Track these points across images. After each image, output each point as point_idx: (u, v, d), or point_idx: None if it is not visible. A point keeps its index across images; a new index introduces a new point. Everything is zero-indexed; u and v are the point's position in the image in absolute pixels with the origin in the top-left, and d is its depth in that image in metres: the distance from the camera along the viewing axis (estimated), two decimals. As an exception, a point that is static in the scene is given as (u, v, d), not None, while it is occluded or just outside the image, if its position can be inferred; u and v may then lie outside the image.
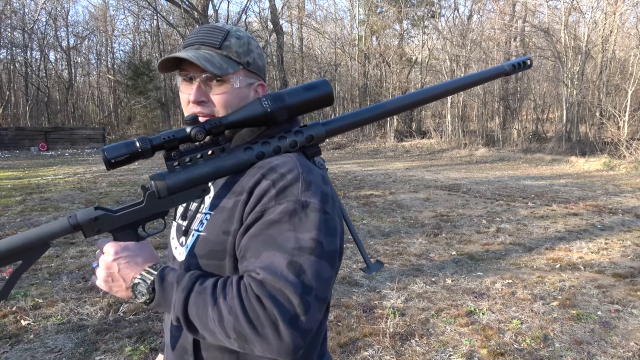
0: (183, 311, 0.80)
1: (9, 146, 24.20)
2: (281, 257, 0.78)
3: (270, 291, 0.76)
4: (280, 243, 0.79)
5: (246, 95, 0.95)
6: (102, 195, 8.86)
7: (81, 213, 0.85)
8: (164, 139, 0.86)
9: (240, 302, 0.76)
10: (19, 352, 2.91)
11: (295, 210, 0.81)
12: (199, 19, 30.63)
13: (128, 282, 0.84)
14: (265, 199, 0.83)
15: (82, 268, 4.52)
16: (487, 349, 2.96)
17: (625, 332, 3.23)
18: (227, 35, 0.93)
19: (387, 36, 30.78)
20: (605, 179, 12.06)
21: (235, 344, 0.78)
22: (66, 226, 0.84)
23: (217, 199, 0.92)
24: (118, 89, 35.66)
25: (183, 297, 0.80)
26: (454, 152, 20.82)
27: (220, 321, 0.77)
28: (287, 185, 0.83)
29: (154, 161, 17.15)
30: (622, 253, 5.13)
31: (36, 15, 32.91)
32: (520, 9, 24.93)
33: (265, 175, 0.85)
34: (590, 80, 20.10)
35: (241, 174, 0.90)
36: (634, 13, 21.90)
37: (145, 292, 0.83)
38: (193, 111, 0.92)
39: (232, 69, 0.91)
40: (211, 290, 0.80)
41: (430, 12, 27.90)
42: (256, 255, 0.80)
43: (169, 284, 0.82)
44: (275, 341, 0.75)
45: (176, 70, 0.96)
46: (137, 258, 0.86)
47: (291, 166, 0.86)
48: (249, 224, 0.84)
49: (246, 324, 0.75)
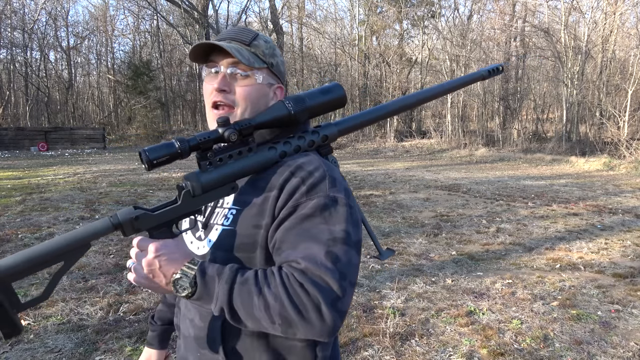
0: (228, 302, 0.84)
1: (9, 146, 24.20)
2: (318, 247, 0.86)
3: (312, 278, 0.83)
4: (315, 235, 0.87)
5: (266, 93, 1.02)
6: (102, 195, 8.86)
7: (122, 213, 0.88)
8: (200, 140, 0.90)
9: (285, 290, 0.83)
10: (19, 352, 2.91)
11: (326, 205, 0.89)
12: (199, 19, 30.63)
13: (168, 278, 0.87)
14: (297, 194, 0.90)
15: (82, 268, 4.52)
16: (487, 349, 2.96)
17: (625, 332, 3.23)
18: (257, 37, 1.01)
19: (387, 36, 30.80)
20: (605, 179, 12.06)
21: (279, 329, 0.84)
22: (108, 226, 0.86)
23: (243, 195, 0.97)
24: (118, 89, 35.65)
25: (227, 288, 0.84)
26: (454, 152, 20.82)
27: (266, 308, 0.82)
28: (316, 182, 0.91)
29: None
30: (622, 253, 5.13)
31: (36, 15, 32.91)
32: (520, 9, 24.94)
33: (294, 173, 0.93)
34: (590, 80, 20.10)
35: (265, 171, 0.96)
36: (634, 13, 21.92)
37: (187, 286, 0.85)
38: (215, 100, 0.98)
39: (257, 64, 0.98)
40: (254, 281, 0.85)
41: (430, 12, 27.91)
42: (293, 246, 0.87)
43: (210, 277, 0.86)
44: (318, 323, 0.82)
45: (203, 62, 1.02)
46: (175, 254, 0.88)
47: (317, 165, 0.94)
48: (283, 218, 0.90)
49: (292, 310, 0.82)
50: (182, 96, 35.56)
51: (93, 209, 7.52)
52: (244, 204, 0.96)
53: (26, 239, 5.57)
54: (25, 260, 0.76)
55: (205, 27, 30.50)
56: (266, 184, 0.95)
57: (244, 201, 0.96)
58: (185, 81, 35.96)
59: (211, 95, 0.99)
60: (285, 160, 0.96)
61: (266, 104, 1.02)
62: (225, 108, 0.99)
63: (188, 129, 33.79)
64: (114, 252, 5.06)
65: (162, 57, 35.39)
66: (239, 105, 0.99)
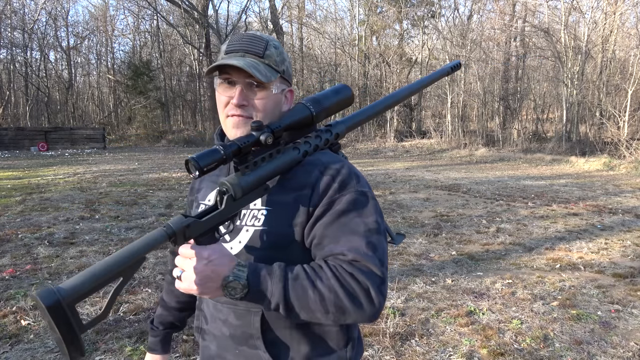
0: (284, 298, 0.89)
1: (9, 146, 24.20)
2: (359, 239, 0.94)
3: (360, 268, 0.91)
4: (353, 228, 0.95)
5: (280, 101, 1.06)
6: (102, 195, 8.86)
7: (175, 222, 0.89)
8: (241, 145, 0.93)
9: (337, 281, 0.90)
10: (19, 352, 2.91)
11: (357, 200, 0.98)
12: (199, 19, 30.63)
13: (219, 282, 0.89)
14: (330, 192, 0.98)
15: (82, 268, 4.52)
16: (487, 349, 2.96)
17: (625, 332, 3.23)
18: (267, 45, 1.02)
19: (387, 36, 30.79)
20: (605, 179, 12.06)
21: (332, 317, 0.91)
22: (163, 236, 0.87)
23: (273, 195, 1.01)
24: (118, 89, 35.66)
25: (282, 286, 0.89)
26: (454, 152, 20.82)
27: (321, 300, 0.89)
28: (345, 179, 0.99)
29: (154, 161, 17.17)
30: (622, 253, 5.13)
31: (36, 15, 32.92)
32: (520, 9, 24.94)
33: (323, 172, 0.99)
34: (590, 80, 20.10)
35: (291, 171, 1.01)
36: (634, 13, 21.92)
37: (239, 287, 0.88)
38: (233, 113, 1.01)
39: (273, 77, 1.01)
40: (305, 276, 0.91)
41: (430, 12, 27.90)
42: (335, 240, 0.95)
43: (262, 277, 0.90)
44: (369, 307, 0.91)
45: (215, 72, 1.03)
46: (224, 258, 0.90)
47: (341, 163, 1.02)
48: (320, 215, 0.97)
49: (345, 298, 0.89)
50: (182, 96, 35.56)
51: (93, 209, 7.52)
52: (275, 204, 1.00)
53: (26, 239, 5.57)
54: (88, 281, 0.75)
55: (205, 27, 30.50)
56: (296, 184, 1.00)
57: (275, 201, 1.00)
58: (185, 81, 35.96)
59: (227, 107, 1.02)
60: (307, 159, 1.01)
61: (280, 109, 1.07)
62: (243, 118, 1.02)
63: (188, 129, 33.80)
64: (113, 252, 5.06)
65: (162, 57, 35.39)
66: (257, 117, 1.02)
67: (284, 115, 1.01)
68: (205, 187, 1.17)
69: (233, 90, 1.01)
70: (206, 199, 1.14)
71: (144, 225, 6.39)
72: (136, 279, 4.20)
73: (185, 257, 0.90)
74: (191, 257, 0.89)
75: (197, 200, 1.18)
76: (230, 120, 1.02)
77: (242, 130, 1.01)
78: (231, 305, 1.03)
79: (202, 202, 1.15)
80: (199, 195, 1.18)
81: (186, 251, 0.90)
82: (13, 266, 4.55)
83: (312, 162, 1.02)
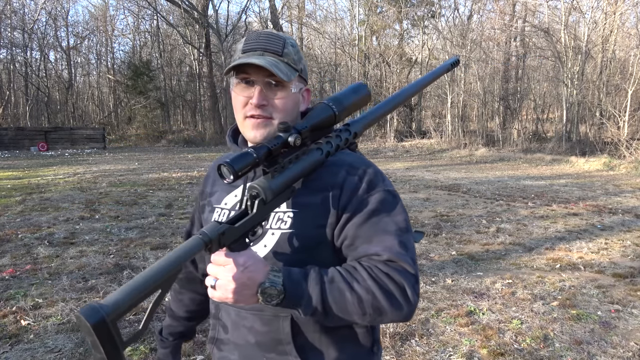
0: (322, 301, 0.88)
1: (9, 146, 24.21)
2: (392, 239, 0.94)
3: (395, 267, 0.91)
4: (384, 228, 0.95)
5: (298, 100, 1.04)
6: (102, 195, 8.86)
7: (210, 229, 0.86)
8: (271, 148, 0.90)
9: (374, 282, 0.89)
10: (19, 352, 2.91)
11: (386, 199, 0.98)
12: (199, 19, 30.62)
13: (255, 289, 0.86)
14: (360, 192, 0.97)
15: (82, 268, 4.52)
16: (487, 349, 2.96)
17: (625, 332, 3.23)
18: (285, 43, 1.00)
19: (387, 36, 30.77)
20: (605, 179, 12.06)
21: (369, 318, 0.90)
22: (200, 244, 0.83)
23: (298, 197, 0.98)
24: (118, 89, 35.66)
25: (319, 289, 0.88)
26: (454, 152, 20.82)
27: (359, 302, 0.88)
28: (372, 178, 0.99)
29: (154, 161, 17.16)
30: (622, 253, 5.13)
31: (36, 15, 32.92)
32: (520, 9, 24.93)
33: (350, 172, 0.99)
34: (590, 80, 20.10)
35: (315, 172, 0.98)
36: (634, 13, 21.92)
37: (275, 293, 0.86)
38: (252, 113, 0.98)
39: (293, 76, 0.99)
40: (341, 278, 0.90)
41: (430, 12, 27.89)
42: (368, 241, 0.94)
43: (297, 281, 0.88)
44: (406, 306, 0.91)
45: (232, 72, 1.00)
46: (258, 264, 0.88)
47: (365, 162, 1.02)
48: (350, 216, 0.96)
49: (383, 299, 0.89)
50: (182, 96, 35.56)
51: (93, 209, 7.52)
52: (301, 206, 0.98)
53: (26, 239, 5.57)
54: (129, 296, 0.72)
55: (205, 27, 30.51)
56: (321, 185, 0.98)
57: (301, 203, 0.98)
58: (185, 81, 35.96)
59: (245, 107, 0.99)
60: (329, 159, 0.99)
61: (298, 109, 1.05)
62: (262, 120, 0.99)
63: (188, 129, 33.80)
64: (114, 252, 5.06)
65: (162, 57, 35.39)
66: (277, 117, 0.99)
67: (308, 116, 0.98)
68: (220, 190, 1.14)
69: (251, 90, 0.98)
70: (221, 202, 1.11)
71: (144, 225, 6.39)
72: (136, 279, 4.20)
73: (219, 265, 0.87)
74: (225, 264, 0.86)
75: (211, 204, 1.14)
76: (250, 121, 0.99)
77: (261, 131, 0.99)
78: (257, 312, 1.00)
79: (217, 206, 1.12)
80: (213, 199, 1.15)
81: (220, 259, 0.87)
82: (13, 266, 4.55)
83: (336, 163, 1.00)
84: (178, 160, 17.81)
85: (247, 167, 0.88)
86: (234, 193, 1.09)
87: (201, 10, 30.24)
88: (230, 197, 1.09)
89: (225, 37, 30.98)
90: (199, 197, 1.23)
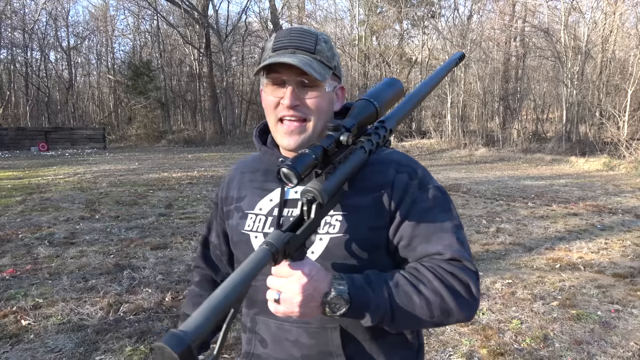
0: (391, 308, 0.84)
1: (9, 146, 24.21)
2: (449, 236, 0.91)
3: (458, 266, 0.89)
4: (441, 226, 0.92)
5: (332, 99, 0.99)
6: (103, 195, 8.86)
7: (275, 238, 0.79)
8: (327, 147, 0.86)
9: (441, 283, 0.86)
10: (19, 352, 2.91)
11: (436, 196, 0.96)
12: (199, 19, 30.63)
13: (320, 299, 0.81)
14: (412, 190, 0.94)
15: (82, 268, 4.52)
16: (487, 349, 2.96)
17: (625, 332, 3.23)
18: (317, 40, 0.94)
19: (387, 36, 30.78)
20: (605, 179, 12.06)
21: (435, 321, 0.87)
22: (268, 256, 0.78)
23: (345, 199, 0.92)
24: (118, 89, 35.68)
25: (386, 295, 0.84)
26: (454, 152, 20.82)
27: (427, 305, 0.85)
28: (421, 176, 0.97)
29: (154, 161, 17.16)
30: (622, 253, 5.13)
31: (36, 15, 32.94)
32: (520, 9, 24.94)
33: (398, 170, 0.96)
34: (590, 80, 20.09)
35: (359, 172, 0.93)
36: (634, 13, 21.88)
37: (342, 303, 0.81)
38: (285, 114, 0.93)
39: (327, 75, 0.93)
40: (406, 282, 0.86)
41: (430, 12, 27.90)
42: (427, 240, 0.91)
43: (362, 288, 0.83)
44: (473, 303, 0.88)
45: (262, 72, 0.94)
46: (321, 272, 0.82)
47: (410, 159, 1.00)
48: (405, 215, 0.93)
49: (451, 300, 0.86)
50: (182, 96, 35.57)
51: (93, 209, 7.52)
52: (351, 208, 0.93)
53: (26, 239, 5.57)
54: (210, 319, 0.67)
55: (205, 27, 30.52)
56: (370, 185, 0.95)
57: (351, 205, 0.93)
58: (185, 81, 35.96)
59: (276, 108, 0.94)
60: (372, 158, 0.95)
61: (332, 108, 1.00)
62: (296, 124, 0.94)
63: (188, 129, 33.81)
64: (114, 252, 5.06)
65: (162, 57, 35.40)
66: (312, 118, 0.94)
67: (352, 113, 0.93)
68: (250, 195, 1.06)
69: (282, 91, 0.93)
70: (255, 207, 1.03)
71: (144, 225, 6.39)
72: (136, 279, 4.20)
73: (281, 277, 0.80)
74: (289, 275, 0.80)
75: (241, 210, 1.06)
76: (283, 127, 0.94)
77: (295, 138, 0.94)
78: (302, 324, 0.93)
79: (250, 212, 1.04)
80: (243, 204, 1.06)
81: (283, 270, 0.80)
82: (13, 266, 4.55)
83: (380, 161, 0.97)
84: (178, 160, 17.82)
85: (309, 168, 0.83)
86: (268, 197, 1.03)
87: (201, 10, 30.25)
88: (264, 202, 1.03)
89: (225, 37, 30.99)
90: (222, 203, 1.15)
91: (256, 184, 1.06)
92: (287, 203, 0.99)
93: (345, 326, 0.93)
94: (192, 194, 9.06)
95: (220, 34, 30.57)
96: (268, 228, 0.99)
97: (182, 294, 3.87)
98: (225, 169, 14.12)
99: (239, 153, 22.39)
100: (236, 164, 1.16)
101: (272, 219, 1.00)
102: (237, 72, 34.80)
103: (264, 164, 1.07)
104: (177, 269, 4.51)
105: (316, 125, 0.95)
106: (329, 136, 0.88)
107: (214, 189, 9.75)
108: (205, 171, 13.52)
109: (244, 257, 0.93)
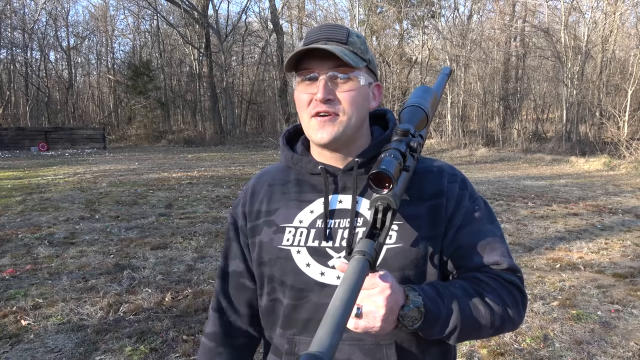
0: (461, 319, 0.82)
1: (9, 146, 24.21)
2: (501, 246, 0.92)
3: (514, 275, 0.90)
4: (493, 236, 0.92)
5: (368, 94, 0.93)
6: (102, 195, 8.86)
7: (367, 247, 0.74)
8: (404, 152, 0.84)
9: (504, 292, 0.87)
10: (19, 352, 2.91)
11: (485, 207, 0.97)
12: (199, 19, 30.63)
13: (397, 313, 0.77)
14: (464, 200, 0.94)
15: (82, 268, 4.52)
16: (487, 349, 2.96)
17: (625, 332, 3.23)
18: (349, 33, 0.91)
19: (387, 36, 30.76)
20: (605, 179, 12.06)
21: (494, 330, 0.87)
22: (368, 266, 0.73)
23: (400, 208, 0.88)
24: (118, 89, 35.69)
25: (458, 306, 0.83)
26: (454, 152, 20.82)
27: (492, 315, 0.85)
28: (469, 185, 0.97)
29: (154, 161, 17.16)
30: (622, 253, 5.13)
31: (36, 15, 32.94)
32: (520, 9, 24.94)
33: (449, 179, 0.95)
34: (590, 80, 20.09)
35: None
36: (634, 13, 21.92)
37: (418, 316, 0.78)
38: (317, 110, 0.88)
39: (361, 64, 0.89)
40: (472, 291, 0.86)
41: (430, 12, 27.88)
42: (482, 250, 0.91)
43: (434, 300, 0.81)
44: (524, 312, 0.90)
45: (294, 69, 0.91)
46: (397, 284, 0.78)
47: (454, 168, 0.99)
48: (460, 225, 0.92)
49: (512, 309, 0.87)
50: (182, 96, 35.57)
51: (93, 209, 7.52)
52: (406, 217, 0.90)
53: (26, 239, 5.57)
54: (336, 338, 0.63)
55: (205, 27, 30.52)
56: (422, 193, 0.92)
57: (406, 214, 0.90)
58: (185, 81, 35.97)
59: (310, 104, 0.89)
60: (418, 166, 0.94)
61: (369, 105, 0.95)
62: (329, 117, 0.89)
63: (188, 129, 33.81)
64: (114, 252, 5.06)
65: (162, 57, 35.40)
66: (346, 113, 0.89)
67: (407, 119, 0.91)
68: (284, 207, 0.98)
69: (315, 86, 0.88)
70: (294, 220, 0.95)
71: (144, 225, 6.39)
72: (136, 279, 4.20)
73: (363, 289, 0.73)
74: (372, 287, 0.74)
75: (275, 224, 0.97)
76: (315, 121, 0.89)
77: (328, 130, 0.88)
78: (355, 341, 0.86)
79: (287, 225, 0.95)
80: (277, 218, 0.97)
81: (366, 282, 0.74)
82: (13, 266, 4.55)
83: (430, 169, 0.95)
84: (178, 160, 17.82)
85: (398, 173, 0.80)
86: (308, 209, 0.96)
87: (201, 10, 30.26)
88: (304, 214, 0.95)
89: (225, 37, 30.99)
90: (245, 218, 1.03)
91: (290, 196, 0.98)
92: (334, 214, 0.94)
93: (400, 341, 0.88)
94: (192, 194, 9.06)
95: (220, 34, 30.57)
96: (312, 241, 0.92)
97: (182, 294, 3.87)
98: (225, 169, 14.12)
99: (238, 153, 22.39)
100: (256, 176, 1.08)
101: (315, 231, 0.93)
102: (237, 72, 34.82)
103: (294, 174, 1.01)
104: (177, 269, 4.51)
105: (350, 120, 0.89)
106: (400, 141, 0.85)
107: (214, 189, 9.74)
108: (205, 171, 13.52)
109: (284, 275, 0.93)
